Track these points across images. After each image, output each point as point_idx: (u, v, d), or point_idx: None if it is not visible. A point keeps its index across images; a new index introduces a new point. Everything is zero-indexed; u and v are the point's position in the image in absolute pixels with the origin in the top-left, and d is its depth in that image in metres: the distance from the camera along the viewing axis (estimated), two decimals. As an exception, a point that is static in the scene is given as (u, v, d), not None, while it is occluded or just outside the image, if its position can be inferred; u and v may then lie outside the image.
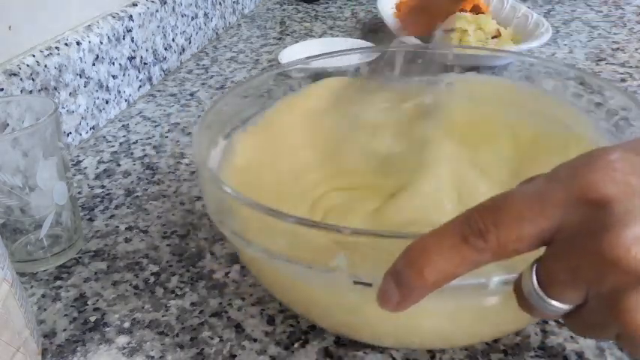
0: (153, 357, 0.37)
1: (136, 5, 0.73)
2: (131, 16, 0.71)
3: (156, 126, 0.67)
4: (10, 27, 0.55)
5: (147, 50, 0.75)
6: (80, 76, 0.63)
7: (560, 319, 0.37)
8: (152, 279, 0.44)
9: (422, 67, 0.48)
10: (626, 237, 0.21)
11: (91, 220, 0.51)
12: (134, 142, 0.64)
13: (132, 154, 0.62)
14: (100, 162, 0.60)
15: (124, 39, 0.70)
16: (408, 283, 0.24)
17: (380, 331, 0.34)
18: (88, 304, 0.42)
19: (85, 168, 0.59)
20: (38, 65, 0.57)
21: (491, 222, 0.23)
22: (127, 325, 0.40)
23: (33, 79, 0.56)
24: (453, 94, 0.48)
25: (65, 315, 0.41)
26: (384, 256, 0.26)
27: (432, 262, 0.24)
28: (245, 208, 0.30)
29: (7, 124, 0.45)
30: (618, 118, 0.39)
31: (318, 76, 0.48)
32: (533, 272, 0.24)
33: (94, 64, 0.65)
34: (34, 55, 0.57)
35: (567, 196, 0.23)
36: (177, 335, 0.39)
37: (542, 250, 0.24)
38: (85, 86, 0.64)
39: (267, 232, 0.31)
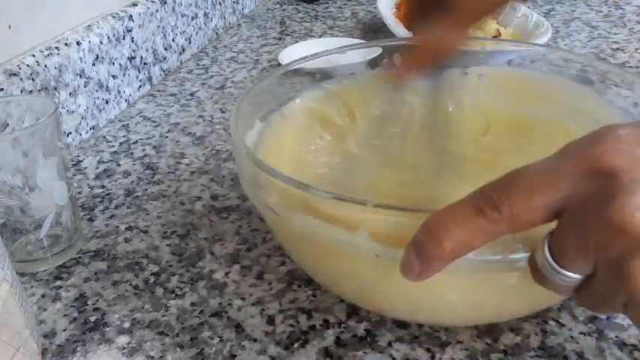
0: (153, 357, 0.37)
1: (136, 5, 0.73)
2: (131, 16, 0.71)
3: (156, 126, 0.67)
4: (9, 26, 0.55)
5: (147, 50, 0.75)
6: (80, 76, 0.63)
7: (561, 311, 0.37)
8: (152, 279, 0.44)
9: (454, 59, 0.49)
10: (632, 204, 0.22)
11: (91, 220, 0.51)
12: (134, 142, 0.64)
13: (132, 154, 0.62)
14: (100, 162, 0.60)
15: (124, 39, 0.70)
16: (428, 254, 0.26)
17: (403, 304, 0.35)
18: (88, 304, 0.42)
19: (85, 168, 0.59)
20: (38, 65, 0.57)
21: (505, 194, 0.24)
22: (127, 325, 0.40)
23: (33, 79, 0.56)
24: (484, 87, 0.49)
25: (65, 315, 0.41)
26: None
27: (450, 234, 0.25)
28: (280, 183, 0.32)
29: (7, 124, 0.45)
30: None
31: (330, 72, 0.50)
32: (546, 244, 0.25)
33: (94, 64, 0.65)
34: (34, 55, 0.57)
35: (577, 167, 0.23)
36: (177, 335, 0.39)
37: (555, 224, 0.25)
38: (85, 86, 0.64)
39: (299, 206, 0.32)
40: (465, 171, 0.42)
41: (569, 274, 0.25)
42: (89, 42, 0.64)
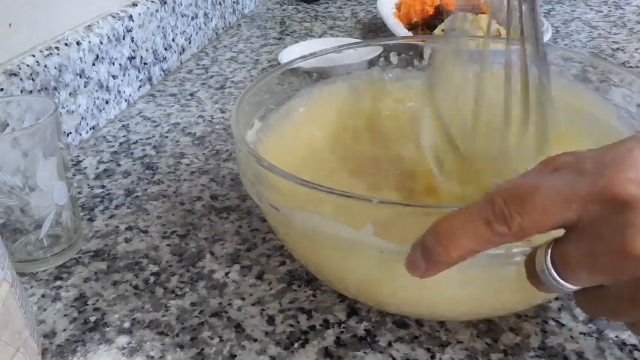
0: (153, 357, 0.37)
1: (136, 5, 0.73)
2: (131, 16, 0.71)
3: (156, 126, 0.67)
4: (10, 25, 0.55)
5: (147, 50, 0.75)
6: (80, 76, 0.63)
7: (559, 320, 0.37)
8: (152, 279, 0.44)
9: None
10: None
11: (91, 220, 0.51)
12: (134, 142, 0.64)
13: (132, 154, 0.62)
14: (100, 162, 0.60)
15: (124, 39, 0.70)
16: (436, 258, 0.27)
17: (407, 296, 0.35)
18: (88, 304, 0.42)
19: (85, 168, 0.59)
20: (38, 65, 0.57)
21: (516, 210, 0.25)
22: (127, 325, 0.40)
23: (33, 79, 0.56)
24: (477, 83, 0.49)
25: (65, 315, 0.41)
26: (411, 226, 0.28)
27: (458, 243, 0.26)
28: (282, 180, 0.32)
29: (7, 124, 0.45)
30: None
31: (329, 72, 0.50)
32: (549, 252, 0.25)
33: (94, 64, 0.65)
34: (34, 55, 0.57)
35: (592, 192, 0.24)
36: (177, 335, 0.39)
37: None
38: (85, 86, 0.64)
39: (306, 203, 0.32)
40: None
41: (569, 285, 0.26)
42: (89, 42, 0.64)
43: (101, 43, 0.66)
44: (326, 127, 0.49)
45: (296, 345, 0.37)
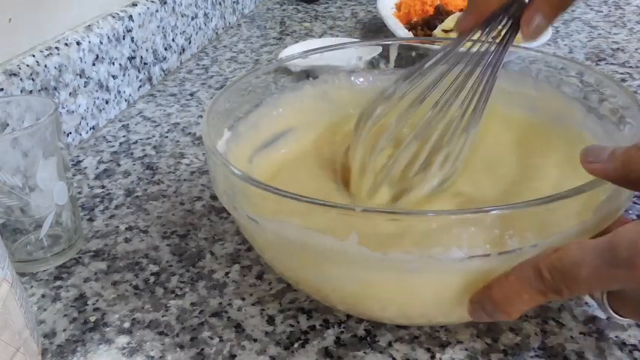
0: (153, 357, 0.37)
1: (136, 5, 0.73)
2: (131, 16, 0.71)
3: (156, 126, 0.67)
4: (10, 20, 0.55)
5: (147, 50, 0.75)
6: (80, 76, 0.63)
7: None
8: (152, 279, 0.44)
9: (416, 60, 0.49)
10: None
11: (91, 220, 0.51)
12: (134, 142, 0.64)
13: (132, 154, 0.62)
14: (100, 162, 0.60)
15: (124, 39, 0.70)
16: (496, 317, 0.31)
17: (389, 305, 0.35)
18: (88, 304, 0.42)
19: (85, 168, 0.59)
20: (38, 65, 0.57)
21: (565, 285, 0.27)
22: (127, 325, 0.40)
23: (33, 79, 0.56)
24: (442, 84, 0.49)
25: (65, 315, 0.41)
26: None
27: (517, 308, 0.30)
28: (262, 192, 0.31)
29: (7, 124, 0.45)
30: (618, 113, 0.40)
31: (317, 71, 0.49)
32: (606, 302, 0.32)
33: (94, 64, 0.65)
34: (34, 55, 0.57)
35: (629, 277, 0.25)
36: (177, 335, 0.39)
37: None
38: (85, 86, 0.64)
39: (280, 214, 0.32)
40: None
41: (624, 320, 0.32)
42: (89, 42, 0.64)
43: (101, 43, 0.66)
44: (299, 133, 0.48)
45: (296, 345, 0.37)
